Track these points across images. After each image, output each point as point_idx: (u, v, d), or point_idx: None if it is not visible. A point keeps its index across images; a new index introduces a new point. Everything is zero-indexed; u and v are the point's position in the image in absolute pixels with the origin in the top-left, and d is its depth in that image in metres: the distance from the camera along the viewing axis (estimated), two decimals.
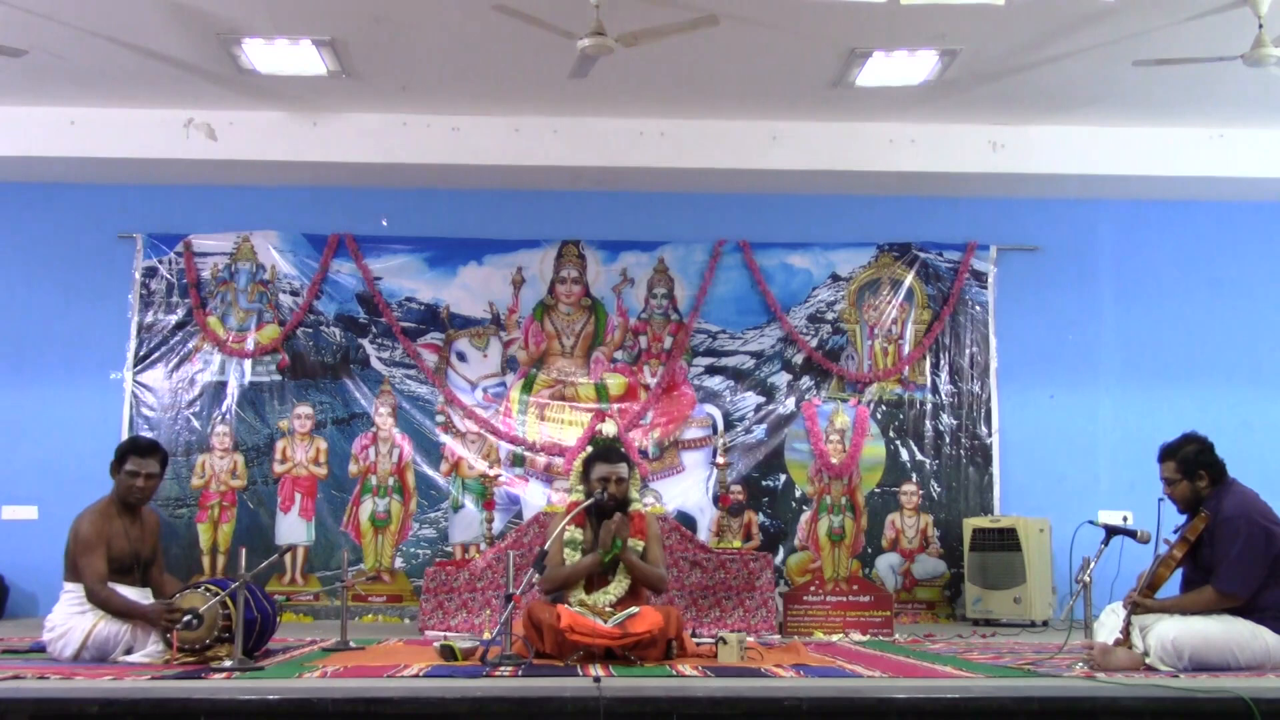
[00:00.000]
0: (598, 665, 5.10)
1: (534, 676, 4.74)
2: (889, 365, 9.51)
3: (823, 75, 8.29)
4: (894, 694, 4.31)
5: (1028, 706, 4.18)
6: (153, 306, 9.31)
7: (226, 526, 9.09)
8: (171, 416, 9.18)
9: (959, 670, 5.14)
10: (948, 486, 9.39)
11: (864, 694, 4.31)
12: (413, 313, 9.41)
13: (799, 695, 4.24)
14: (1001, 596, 8.53)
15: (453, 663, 5.32)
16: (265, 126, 8.93)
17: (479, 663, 5.25)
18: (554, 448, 9.25)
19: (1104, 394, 9.53)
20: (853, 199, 9.65)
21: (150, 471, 5.81)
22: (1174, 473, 5.48)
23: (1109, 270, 9.68)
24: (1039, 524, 8.61)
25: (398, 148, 8.98)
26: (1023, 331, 9.56)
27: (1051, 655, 5.64)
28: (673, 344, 9.44)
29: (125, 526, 5.78)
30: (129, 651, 5.51)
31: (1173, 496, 5.52)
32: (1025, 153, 9.14)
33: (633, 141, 9.05)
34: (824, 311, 9.57)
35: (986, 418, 9.47)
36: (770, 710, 4.18)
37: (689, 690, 4.30)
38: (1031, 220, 9.69)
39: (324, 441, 9.25)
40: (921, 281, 9.61)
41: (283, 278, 9.40)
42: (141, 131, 8.86)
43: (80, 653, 5.51)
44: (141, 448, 5.88)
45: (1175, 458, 5.49)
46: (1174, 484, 5.49)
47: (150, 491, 5.87)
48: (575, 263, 9.54)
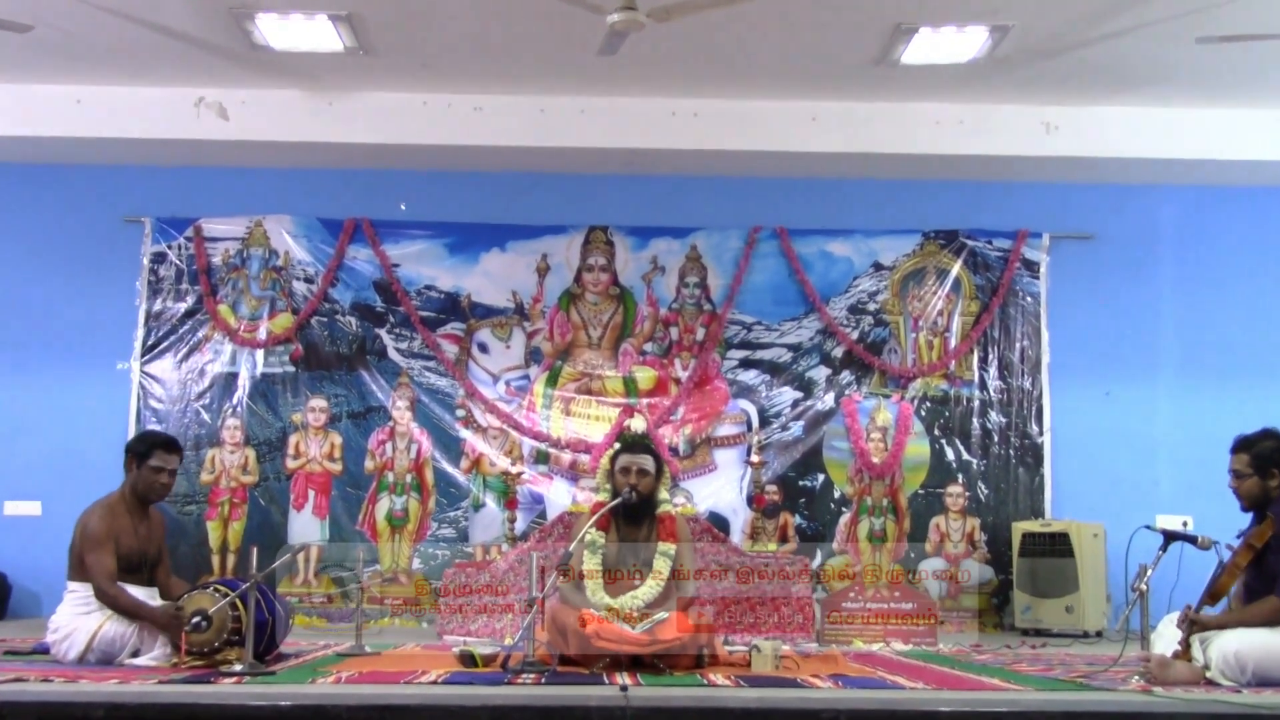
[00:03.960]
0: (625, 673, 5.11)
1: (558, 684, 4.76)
2: (934, 359, 9.47)
3: (866, 52, 8.26)
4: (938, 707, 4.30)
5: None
6: (161, 294, 9.36)
7: (237, 524, 9.14)
8: (180, 409, 9.24)
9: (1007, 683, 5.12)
10: (996, 488, 9.35)
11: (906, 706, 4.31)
12: (432, 301, 9.44)
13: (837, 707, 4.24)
14: (1052, 605, 8.48)
15: (472, 669, 5.35)
16: (279, 105, 8.96)
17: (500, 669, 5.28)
18: (580, 444, 9.26)
19: (1163, 391, 9.46)
20: (897, 184, 9.61)
21: (174, 468, 5.99)
22: (1246, 466, 5.44)
23: (1169, 259, 9.60)
24: (1093, 528, 8.55)
25: (417, 128, 8.99)
26: (1077, 324, 9.50)
27: (1106, 668, 5.61)
28: (705, 336, 9.43)
29: (134, 524, 5.86)
30: (135, 654, 5.57)
31: (1239, 491, 5.48)
32: (1081, 135, 9.07)
33: (664, 122, 9.03)
34: (865, 302, 9.54)
35: (1038, 415, 9.41)
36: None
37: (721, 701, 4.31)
38: (1087, 206, 9.61)
39: (339, 436, 9.29)
40: (969, 271, 9.56)
41: (296, 264, 9.44)
42: (150, 110, 8.91)
43: (85, 655, 5.58)
44: (167, 443, 6.00)
45: (1250, 451, 5.45)
46: (1243, 478, 5.45)
47: (170, 488, 6.04)
48: (603, 250, 9.54)
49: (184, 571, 7.72)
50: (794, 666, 5.58)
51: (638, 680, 4.87)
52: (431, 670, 5.21)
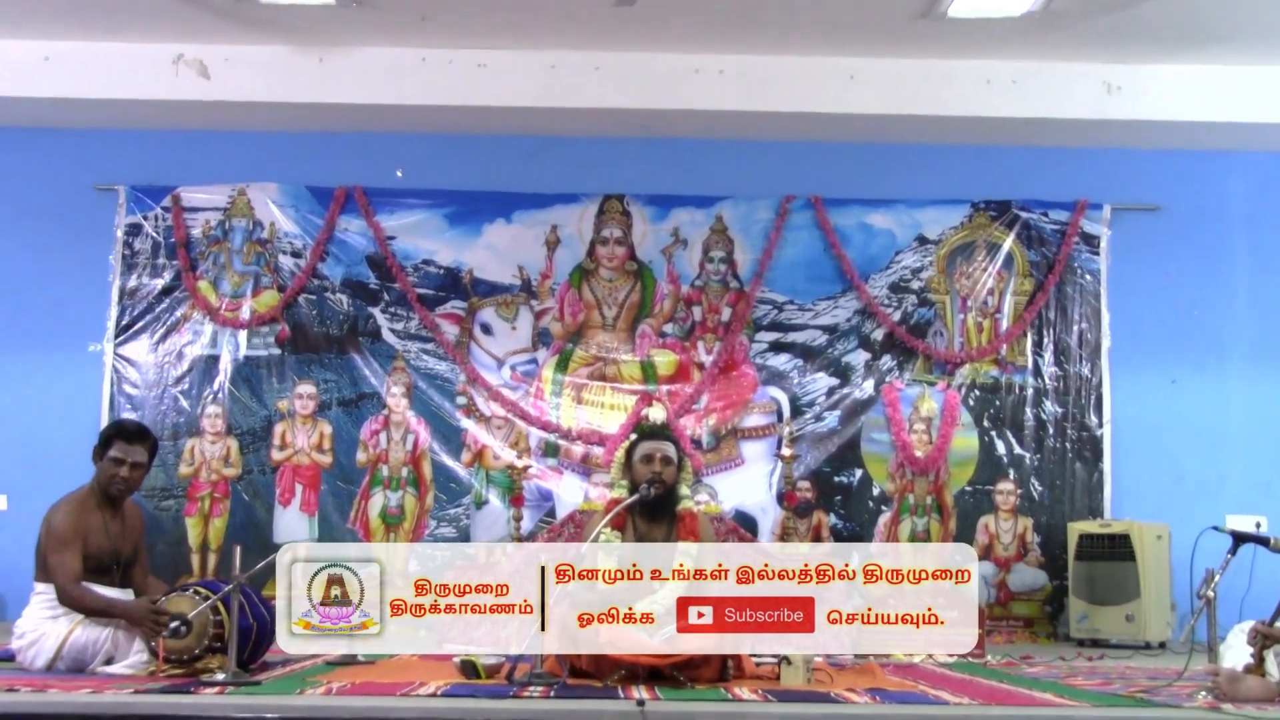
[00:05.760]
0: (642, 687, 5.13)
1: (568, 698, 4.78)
2: (984, 343, 9.46)
3: (909, 4, 8.24)
4: None
5: None
6: (136, 269, 9.40)
7: (218, 521, 9.19)
8: (157, 395, 9.28)
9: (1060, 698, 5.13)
10: (1050, 485, 9.35)
11: None
12: (431, 278, 9.46)
13: None
14: (1111, 613, 8.49)
15: (475, 681, 5.38)
16: (265, 63, 8.97)
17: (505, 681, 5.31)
18: (592, 435, 9.28)
19: (1235, 379, 9.44)
20: (943, 149, 9.60)
21: (137, 460, 5.91)
22: None
23: (1242, 233, 9.58)
24: (1156, 530, 8.56)
25: (416, 87, 8.99)
26: (1140, 305, 9.48)
27: (1169, 682, 5.60)
28: (731, 316, 9.44)
29: (105, 520, 5.86)
30: (109, 661, 5.60)
31: None
32: (1145, 96, 9.05)
33: (687, 81, 9.02)
34: (909, 280, 9.54)
35: (1097, 405, 9.40)
36: None
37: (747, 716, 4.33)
38: (1152, 175, 9.60)
39: (328, 425, 9.32)
40: (1023, 246, 9.54)
41: (283, 237, 9.47)
42: (124, 69, 8.92)
43: (54, 662, 5.60)
44: (129, 432, 5.98)
45: None
46: None
47: (136, 483, 5.98)
48: (619, 221, 9.55)
49: (161, 572, 7.75)
50: (827, 680, 5.59)
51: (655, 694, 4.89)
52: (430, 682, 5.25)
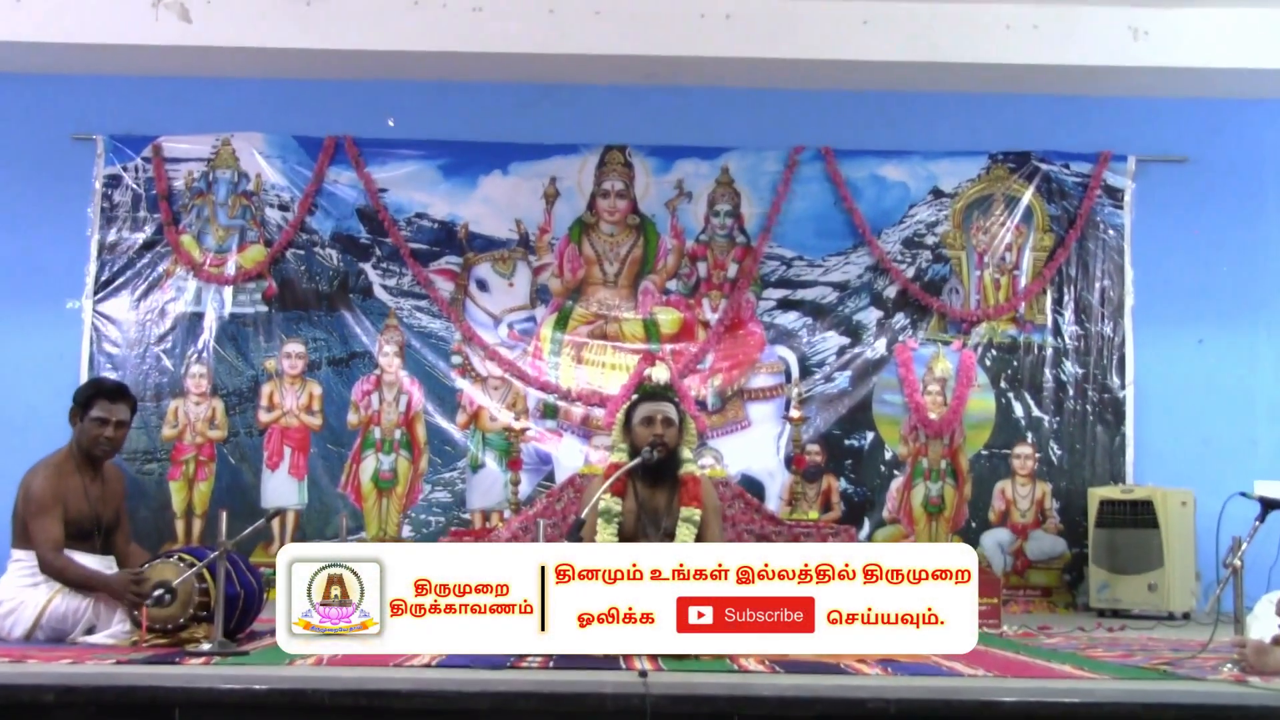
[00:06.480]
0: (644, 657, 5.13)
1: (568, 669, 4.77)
2: (1001, 301, 9.44)
3: None
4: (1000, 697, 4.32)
5: (1163, 715, 4.18)
6: (116, 222, 9.36)
7: (204, 485, 9.20)
8: (138, 354, 9.27)
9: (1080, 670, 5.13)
10: (1070, 449, 9.34)
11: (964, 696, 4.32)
12: (424, 232, 9.43)
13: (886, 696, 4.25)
14: (1133, 582, 8.50)
15: None
16: (250, 6, 8.91)
17: None
18: (593, 396, 9.27)
19: (1265, 338, 9.43)
20: (960, 98, 9.55)
21: (120, 419, 5.94)
22: None
23: (1274, 186, 9.54)
24: (1181, 495, 8.56)
25: (407, 32, 8.94)
26: (1166, 261, 9.45)
27: (1194, 654, 5.61)
28: (738, 272, 9.41)
29: (84, 484, 5.88)
30: (90, 631, 5.63)
31: None
32: (1173, 41, 9.00)
33: (692, 25, 8.96)
34: (923, 234, 9.51)
35: (1119, 366, 9.39)
36: (852, 713, 4.20)
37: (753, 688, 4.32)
38: (1179, 125, 9.55)
39: (318, 386, 9.32)
40: (1043, 199, 9.51)
41: (269, 189, 9.44)
42: (101, 11, 8.86)
43: (33, 632, 5.63)
44: (109, 390, 6.00)
45: None
46: None
47: (119, 443, 6.02)
48: (620, 173, 9.51)
49: (145, 539, 7.79)
50: None
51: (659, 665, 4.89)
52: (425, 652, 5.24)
